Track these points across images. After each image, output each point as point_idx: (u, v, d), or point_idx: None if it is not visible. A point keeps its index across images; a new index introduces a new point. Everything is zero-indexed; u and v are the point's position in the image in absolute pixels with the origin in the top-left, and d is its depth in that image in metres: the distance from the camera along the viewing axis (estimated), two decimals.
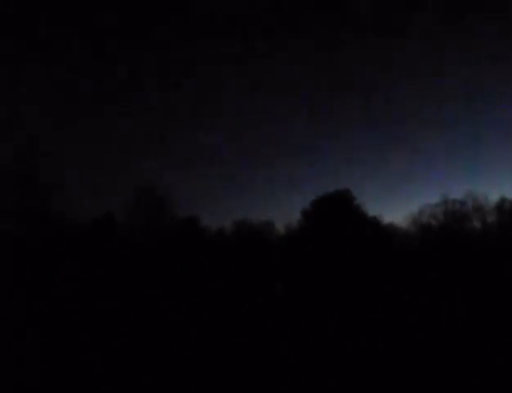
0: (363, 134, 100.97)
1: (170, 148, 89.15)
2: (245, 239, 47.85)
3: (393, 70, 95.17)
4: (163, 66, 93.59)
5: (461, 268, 32.66)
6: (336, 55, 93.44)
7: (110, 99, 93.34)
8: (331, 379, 11.40)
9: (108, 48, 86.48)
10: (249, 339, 16.14)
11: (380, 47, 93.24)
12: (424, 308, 22.94)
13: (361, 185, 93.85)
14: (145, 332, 17.16)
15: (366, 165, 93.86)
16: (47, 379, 10.41)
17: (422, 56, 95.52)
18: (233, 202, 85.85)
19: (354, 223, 47.39)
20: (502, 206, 45.16)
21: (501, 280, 28.59)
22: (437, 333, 16.68)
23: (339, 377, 11.60)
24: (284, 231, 53.38)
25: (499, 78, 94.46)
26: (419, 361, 12.91)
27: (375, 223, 50.33)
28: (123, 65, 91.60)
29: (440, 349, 14.30)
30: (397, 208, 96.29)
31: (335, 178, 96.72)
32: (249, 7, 78.33)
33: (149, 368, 11.83)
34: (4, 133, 32.76)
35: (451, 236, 40.50)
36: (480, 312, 20.82)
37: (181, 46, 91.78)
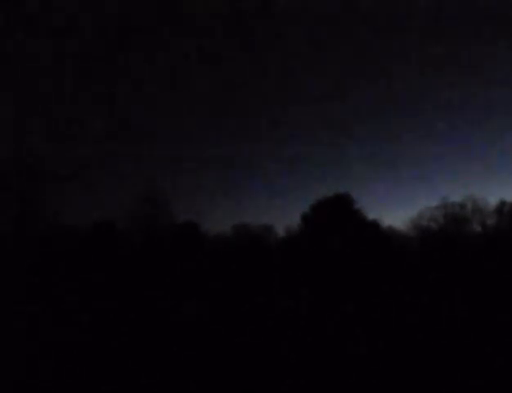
0: (362, 137, 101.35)
1: (169, 152, 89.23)
2: (245, 243, 47.87)
3: (393, 73, 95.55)
4: (163, 68, 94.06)
5: (461, 270, 32.64)
6: (336, 56, 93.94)
7: (111, 100, 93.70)
8: (331, 379, 11.41)
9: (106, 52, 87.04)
10: (248, 339, 16.14)
11: (382, 51, 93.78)
12: (424, 309, 22.94)
13: (360, 188, 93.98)
14: (145, 334, 17.15)
15: (366, 168, 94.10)
16: (47, 380, 10.43)
17: (421, 58, 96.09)
18: (232, 205, 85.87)
19: (354, 227, 47.36)
20: (502, 209, 45.11)
21: (501, 282, 28.58)
22: (436, 334, 16.68)
23: (339, 377, 11.60)
24: (284, 234, 53.46)
25: (498, 78, 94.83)
26: (419, 361, 12.91)
27: (374, 226, 50.29)
28: (123, 68, 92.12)
29: (440, 349, 14.29)
30: (397, 211, 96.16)
31: (334, 181, 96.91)
32: None
33: (149, 369, 11.83)
34: (4, 137, 32.87)
35: (451, 238, 40.49)
36: (480, 313, 20.82)
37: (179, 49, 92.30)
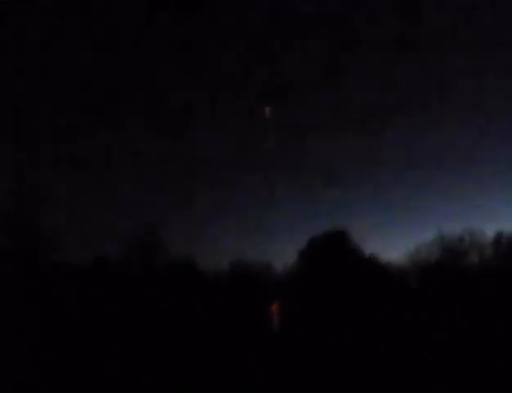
0: (359, 172, 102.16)
1: (165, 187, 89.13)
2: (242, 281, 47.42)
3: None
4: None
5: (459, 302, 32.44)
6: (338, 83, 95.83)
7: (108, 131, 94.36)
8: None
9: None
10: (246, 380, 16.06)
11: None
12: (423, 342, 22.82)
13: (357, 223, 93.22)
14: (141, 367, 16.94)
15: (363, 204, 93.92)
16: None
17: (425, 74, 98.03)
18: (229, 241, 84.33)
19: (352, 263, 47.14)
20: (499, 240, 45.07)
21: (499, 311, 28.36)
22: (435, 368, 16.60)
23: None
24: (282, 270, 52.87)
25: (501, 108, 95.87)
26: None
27: (372, 263, 50.04)
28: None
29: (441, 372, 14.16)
30: (395, 246, 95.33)
31: (331, 216, 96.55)
32: None
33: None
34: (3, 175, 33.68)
35: (449, 271, 40.34)
36: (478, 344, 20.72)
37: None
